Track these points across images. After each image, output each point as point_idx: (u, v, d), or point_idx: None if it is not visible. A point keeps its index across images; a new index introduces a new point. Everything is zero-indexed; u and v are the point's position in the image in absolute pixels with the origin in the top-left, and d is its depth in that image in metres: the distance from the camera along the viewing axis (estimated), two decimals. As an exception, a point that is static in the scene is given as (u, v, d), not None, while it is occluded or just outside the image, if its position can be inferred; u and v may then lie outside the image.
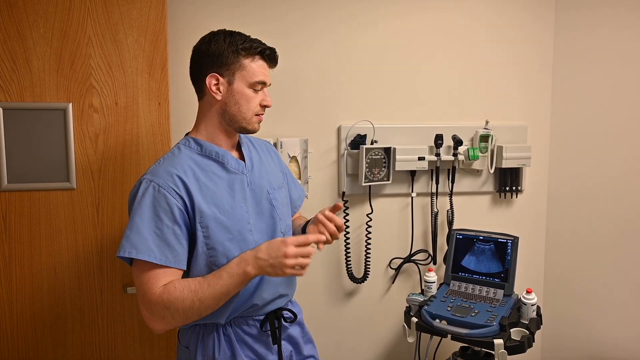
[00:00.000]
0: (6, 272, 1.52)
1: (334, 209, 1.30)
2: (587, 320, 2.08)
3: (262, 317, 1.30)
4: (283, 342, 1.34)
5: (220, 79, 1.22)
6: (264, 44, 1.25)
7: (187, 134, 1.31)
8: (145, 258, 1.13)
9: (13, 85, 1.48)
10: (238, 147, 1.34)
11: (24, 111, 1.49)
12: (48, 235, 1.54)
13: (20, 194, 1.51)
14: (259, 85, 1.24)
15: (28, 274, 1.54)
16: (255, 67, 1.23)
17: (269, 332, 1.30)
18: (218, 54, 1.21)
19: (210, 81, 1.22)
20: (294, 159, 1.85)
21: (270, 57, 1.26)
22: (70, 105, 1.52)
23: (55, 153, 1.52)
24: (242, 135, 1.37)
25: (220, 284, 1.13)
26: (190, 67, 1.26)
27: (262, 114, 1.28)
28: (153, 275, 1.14)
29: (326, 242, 1.28)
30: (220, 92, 1.22)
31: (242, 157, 1.32)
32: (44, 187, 1.52)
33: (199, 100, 1.28)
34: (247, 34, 1.25)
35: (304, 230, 1.38)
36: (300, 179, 1.86)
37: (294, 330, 1.37)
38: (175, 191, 1.17)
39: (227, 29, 1.25)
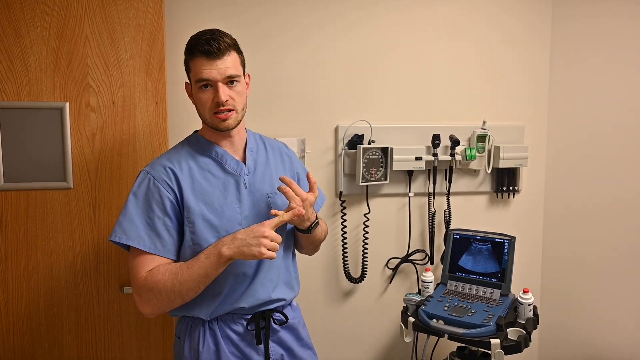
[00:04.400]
0: (2, 272, 1.51)
1: (309, 182, 1.30)
2: (584, 320, 2.08)
3: (249, 317, 1.30)
4: (273, 345, 1.33)
5: (189, 85, 1.28)
6: (203, 39, 1.17)
7: (195, 131, 1.36)
8: (134, 245, 1.19)
9: (10, 85, 1.47)
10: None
11: (20, 110, 1.49)
12: (44, 235, 1.53)
13: (16, 194, 1.51)
14: (203, 84, 1.19)
15: (24, 274, 1.53)
16: (195, 66, 1.20)
17: (254, 332, 1.29)
18: (184, 61, 1.26)
19: (186, 90, 1.30)
20: (291, 158, 1.85)
21: (202, 50, 1.17)
22: (67, 104, 1.52)
23: (52, 152, 1.52)
24: (253, 135, 1.39)
25: (197, 265, 1.18)
26: None
27: (222, 111, 1.21)
28: (142, 261, 1.20)
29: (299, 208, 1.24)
30: (192, 97, 1.27)
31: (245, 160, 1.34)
32: (40, 186, 1.52)
33: None
34: (210, 32, 1.20)
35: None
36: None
37: (285, 334, 1.36)
38: (168, 184, 1.23)
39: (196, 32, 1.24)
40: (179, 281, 1.17)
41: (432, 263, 2.04)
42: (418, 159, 1.92)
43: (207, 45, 1.17)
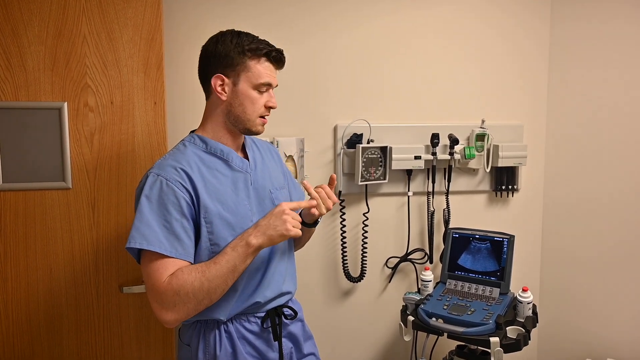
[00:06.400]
0: (1, 272, 1.51)
1: (330, 182, 1.34)
2: (583, 318, 2.09)
3: (263, 314, 1.31)
4: (283, 340, 1.34)
5: (226, 79, 1.23)
6: (272, 46, 1.25)
7: (192, 132, 1.33)
8: (156, 249, 1.14)
9: (7, 85, 1.47)
10: (242, 148, 1.36)
11: (18, 110, 1.48)
12: (43, 235, 1.53)
13: (15, 194, 1.50)
14: (264, 87, 1.24)
15: (23, 274, 1.53)
16: (261, 68, 1.23)
17: (270, 329, 1.30)
18: (224, 54, 1.22)
19: (215, 82, 1.23)
20: (290, 158, 1.85)
21: (276, 58, 1.26)
22: (66, 104, 1.51)
23: (51, 152, 1.52)
24: (245, 136, 1.39)
25: (225, 259, 1.16)
26: (199, 67, 1.28)
27: (266, 116, 1.28)
28: (162, 265, 1.15)
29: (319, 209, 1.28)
30: (225, 93, 1.24)
31: (246, 157, 1.34)
32: (39, 186, 1.51)
33: (206, 99, 1.30)
34: (255, 35, 1.26)
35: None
36: (297, 178, 1.86)
37: (294, 328, 1.38)
38: (183, 185, 1.19)
39: (235, 30, 1.25)
40: (207, 278, 1.14)
41: (431, 262, 2.04)
42: (417, 158, 1.92)
43: (277, 53, 1.25)
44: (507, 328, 1.59)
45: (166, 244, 1.15)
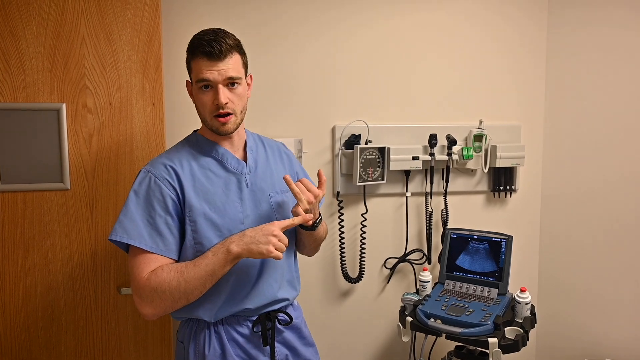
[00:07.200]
0: (0, 273, 1.52)
1: (319, 179, 1.31)
2: (582, 319, 2.09)
3: (255, 318, 1.30)
4: (278, 345, 1.33)
5: (190, 85, 1.28)
6: (205, 39, 1.17)
7: (195, 131, 1.35)
8: (136, 244, 1.17)
9: (6, 86, 1.47)
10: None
11: (17, 112, 1.49)
12: (42, 236, 1.53)
13: (13, 195, 1.50)
14: (203, 84, 1.19)
15: (21, 275, 1.53)
16: (196, 65, 1.19)
17: (260, 333, 1.29)
18: (186, 60, 1.26)
19: (186, 87, 1.29)
20: (288, 159, 1.85)
21: (207, 52, 1.17)
22: (64, 105, 1.52)
23: (49, 154, 1.52)
24: (251, 134, 1.40)
25: (204, 263, 1.17)
26: None
27: (222, 114, 1.21)
28: (144, 260, 1.17)
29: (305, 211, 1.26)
30: (192, 96, 1.27)
31: (246, 159, 1.34)
32: (37, 187, 1.52)
33: None
34: (213, 32, 1.19)
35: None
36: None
37: (290, 334, 1.36)
38: (169, 182, 1.21)
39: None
40: (184, 279, 1.15)
41: (429, 262, 2.05)
42: (415, 158, 1.93)
43: (208, 46, 1.16)
44: (506, 329, 1.59)
45: (148, 239, 1.17)
